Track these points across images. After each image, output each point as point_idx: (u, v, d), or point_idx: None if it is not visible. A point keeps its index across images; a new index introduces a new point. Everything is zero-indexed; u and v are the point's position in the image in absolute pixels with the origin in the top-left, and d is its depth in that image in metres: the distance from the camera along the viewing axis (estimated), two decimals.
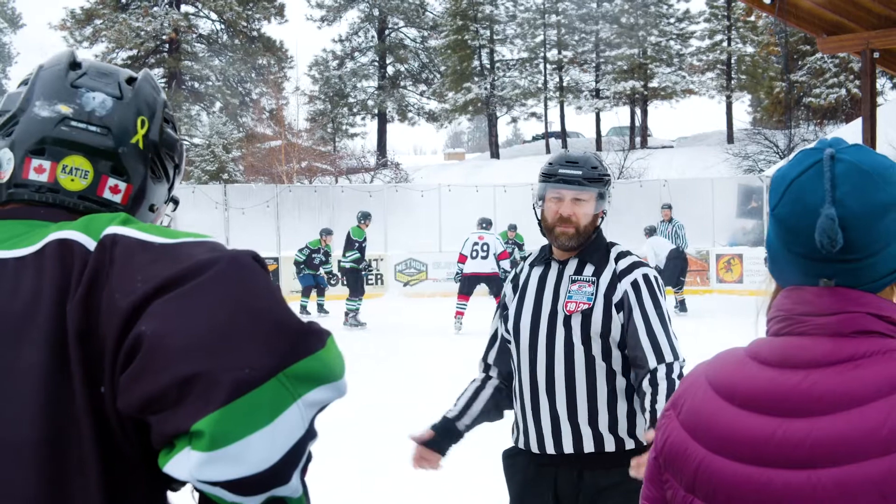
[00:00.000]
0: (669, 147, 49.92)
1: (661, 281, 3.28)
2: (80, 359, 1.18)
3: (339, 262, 17.89)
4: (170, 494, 1.35)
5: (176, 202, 1.69)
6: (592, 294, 3.21)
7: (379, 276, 24.14)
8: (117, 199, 1.46)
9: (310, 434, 1.19)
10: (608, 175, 3.36)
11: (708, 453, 1.42)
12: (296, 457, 1.18)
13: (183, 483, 1.30)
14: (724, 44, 49.39)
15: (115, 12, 47.20)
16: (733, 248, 24.07)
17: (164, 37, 47.39)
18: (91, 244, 1.26)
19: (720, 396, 1.44)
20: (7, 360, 1.21)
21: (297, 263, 18.84)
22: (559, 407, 3.22)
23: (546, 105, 53.70)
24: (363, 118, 56.60)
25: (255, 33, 51.25)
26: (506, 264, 16.36)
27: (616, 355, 3.20)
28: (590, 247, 3.31)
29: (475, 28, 51.60)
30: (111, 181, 1.45)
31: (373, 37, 56.27)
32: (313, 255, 18.65)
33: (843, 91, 43.29)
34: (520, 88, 52.30)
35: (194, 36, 49.91)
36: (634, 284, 3.20)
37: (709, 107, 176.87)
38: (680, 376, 3.05)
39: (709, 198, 26.24)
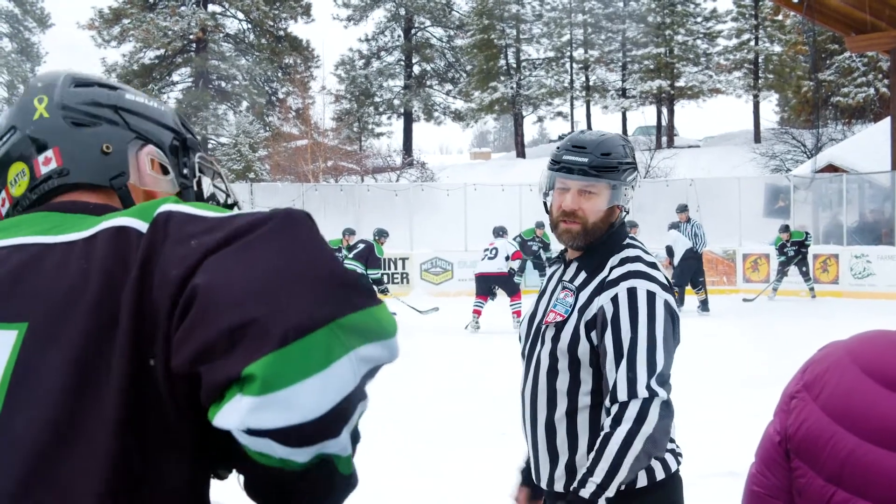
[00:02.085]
0: (696, 146, 49.72)
1: (658, 298, 2.62)
2: (131, 334, 1.18)
3: (349, 265, 17.76)
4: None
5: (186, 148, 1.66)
6: (571, 306, 2.70)
7: (405, 276, 24.18)
8: (53, 165, 1.48)
9: (360, 392, 1.18)
10: (628, 162, 2.79)
11: (862, 443, 1.30)
12: (347, 411, 1.16)
13: (229, 469, 1.31)
14: (752, 43, 49.09)
15: (143, 12, 47.45)
16: (760, 248, 23.92)
17: (191, 36, 47.61)
18: (144, 227, 1.26)
19: (878, 383, 1.32)
20: (46, 343, 1.21)
21: None
22: (529, 432, 2.81)
23: (572, 104, 53.58)
24: (389, 117, 56.65)
25: (281, 33, 51.36)
26: (516, 264, 16.88)
27: (585, 385, 2.67)
28: (597, 248, 2.77)
29: (501, 27, 51.54)
30: (40, 157, 1.48)
31: (399, 36, 56.30)
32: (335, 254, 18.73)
33: (872, 90, 43.02)
34: (546, 88, 52.17)
35: (221, 35, 50.10)
36: (614, 300, 2.61)
37: (736, 106, 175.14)
38: (645, 414, 2.45)
39: (735, 197, 26.10)
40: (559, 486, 2.72)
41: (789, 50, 47.15)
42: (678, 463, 2.73)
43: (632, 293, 2.60)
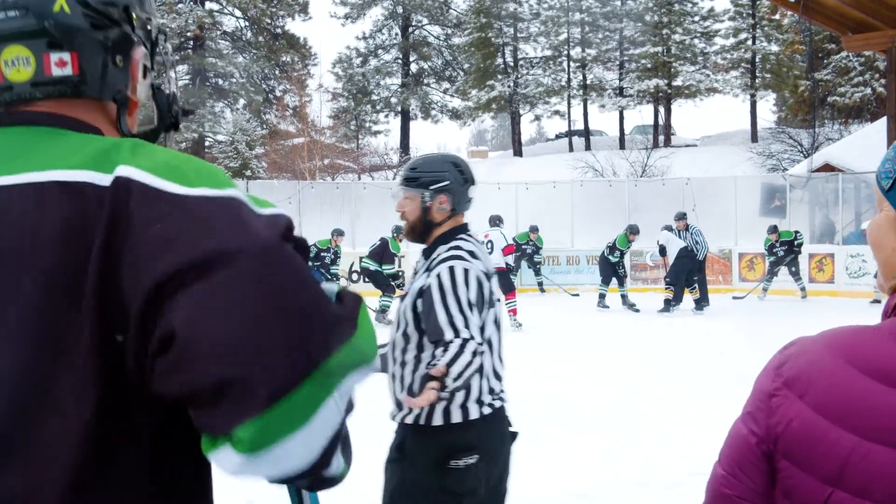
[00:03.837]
0: (693, 146, 49.67)
1: (472, 272, 3.28)
2: (97, 302, 1.18)
3: (364, 264, 17.75)
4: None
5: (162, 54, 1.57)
6: (414, 289, 3.35)
7: (399, 273, 24.19)
8: (68, 71, 1.36)
9: (345, 416, 1.23)
10: (431, 176, 3.47)
11: (862, 441, 1.25)
12: (334, 444, 1.20)
13: None
14: (749, 42, 49.13)
15: None
16: (756, 247, 23.90)
17: (188, 34, 47.56)
18: (104, 180, 1.22)
19: (874, 379, 1.27)
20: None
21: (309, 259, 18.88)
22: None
23: (569, 103, 53.55)
24: (386, 115, 56.62)
25: (278, 30, 51.35)
26: (510, 258, 16.88)
27: (410, 345, 3.32)
28: (434, 243, 3.46)
29: (499, 26, 51.51)
30: (53, 56, 1.36)
31: (396, 34, 56.26)
32: (322, 254, 18.69)
33: (869, 90, 43.03)
34: (543, 86, 52.16)
35: (218, 33, 50.07)
36: (437, 276, 3.24)
37: (733, 105, 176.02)
38: (463, 348, 3.04)
39: (732, 196, 26.08)
40: (410, 420, 3.32)
41: (786, 49, 47.12)
42: (480, 414, 3.28)
43: (451, 270, 3.25)
